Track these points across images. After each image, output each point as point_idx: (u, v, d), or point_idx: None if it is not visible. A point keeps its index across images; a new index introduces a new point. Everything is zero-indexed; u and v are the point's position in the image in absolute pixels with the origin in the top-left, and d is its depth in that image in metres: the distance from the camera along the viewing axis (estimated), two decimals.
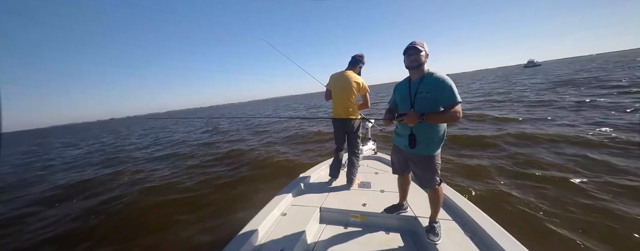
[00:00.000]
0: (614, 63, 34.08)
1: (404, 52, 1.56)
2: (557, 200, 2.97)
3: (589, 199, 2.92)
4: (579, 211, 2.72)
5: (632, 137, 4.76)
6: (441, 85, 1.45)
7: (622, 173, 3.42)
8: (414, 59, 1.51)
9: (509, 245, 1.43)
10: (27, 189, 6.28)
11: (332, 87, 2.57)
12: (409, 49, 1.52)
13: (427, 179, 1.64)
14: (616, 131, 5.26)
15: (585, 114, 7.23)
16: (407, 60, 1.54)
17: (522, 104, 10.49)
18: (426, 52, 1.54)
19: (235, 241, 1.70)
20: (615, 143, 4.53)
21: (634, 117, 6.23)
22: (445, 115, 1.44)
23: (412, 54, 1.51)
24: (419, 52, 1.50)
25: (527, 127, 6.54)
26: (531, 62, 77.03)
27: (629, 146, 4.34)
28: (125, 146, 13.17)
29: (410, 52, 1.52)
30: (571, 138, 5.11)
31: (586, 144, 4.72)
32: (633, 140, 4.55)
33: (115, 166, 8.00)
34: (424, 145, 1.57)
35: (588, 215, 2.64)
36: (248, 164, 6.37)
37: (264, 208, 2.13)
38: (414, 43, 1.52)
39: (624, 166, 3.60)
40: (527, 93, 13.64)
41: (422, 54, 1.51)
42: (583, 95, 10.65)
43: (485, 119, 8.27)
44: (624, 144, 4.44)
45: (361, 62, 2.60)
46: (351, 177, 2.57)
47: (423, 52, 1.51)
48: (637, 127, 5.32)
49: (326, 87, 2.68)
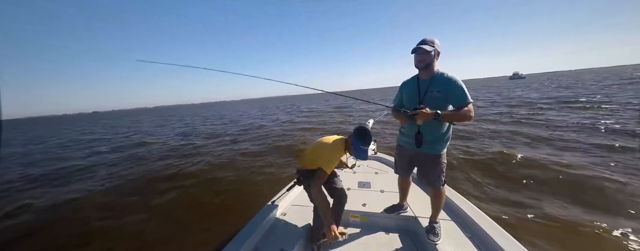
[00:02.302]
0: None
1: (412, 51, 1.53)
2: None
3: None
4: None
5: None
6: (453, 86, 1.45)
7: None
8: (423, 59, 1.50)
9: (509, 245, 1.45)
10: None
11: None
12: (418, 48, 1.49)
13: (432, 179, 1.64)
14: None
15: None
16: (416, 59, 1.52)
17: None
18: (437, 50, 1.51)
19: (235, 241, 1.68)
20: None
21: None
22: (459, 113, 1.43)
23: (421, 53, 1.50)
24: (428, 52, 1.48)
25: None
26: (516, 74, 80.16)
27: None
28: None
29: (420, 51, 1.49)
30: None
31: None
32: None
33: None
34: (430, 144, 1.57)
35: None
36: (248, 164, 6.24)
37: (264, 208, 2.11)
38: (424, 41, 1.50)
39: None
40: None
41: (431, 53, 1.48)
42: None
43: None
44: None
45: (366, 145, 1.70)
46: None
47: (433, 51, 1.48)
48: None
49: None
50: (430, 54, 1.49)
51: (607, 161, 4.25)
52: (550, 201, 3.13)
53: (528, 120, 8.66)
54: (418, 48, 1.49)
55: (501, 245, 1.46)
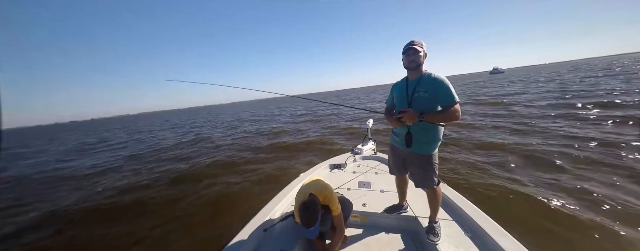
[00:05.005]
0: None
1: (402, 52, 1.57)
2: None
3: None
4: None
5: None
6: (439, 85, 1.47)
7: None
8: (413, 60, 1.52)
9: (509, 245, 1.48)
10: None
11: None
12: (408, 49, 1.52)
13: (424, 179, 1.66)
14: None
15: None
16: (406, 60, 1.55)
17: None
18: (425, 52, 1.55)
19: (235, 241, 1.67)
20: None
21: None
22: (445, 114, 1.45)
23: (411, 54, 1.52)
24: (417, 52, 1.51)
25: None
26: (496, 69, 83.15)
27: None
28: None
29: (410, 52, 1.52)
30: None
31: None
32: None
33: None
34: (420, 144, 1.58)
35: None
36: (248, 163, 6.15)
37: (264, 208, 2.09)
38: (412, 43, 1.52)
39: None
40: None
41: (420, 54, 1.52)
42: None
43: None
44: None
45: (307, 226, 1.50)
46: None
47: (422, 53, 1.52)
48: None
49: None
50: (419, 55, 1.52)
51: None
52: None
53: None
54: (409, 49, 1.52)
55: (501, 244, 1.48)
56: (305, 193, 1.63)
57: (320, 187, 1.66)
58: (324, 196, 1.63)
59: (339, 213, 1.67)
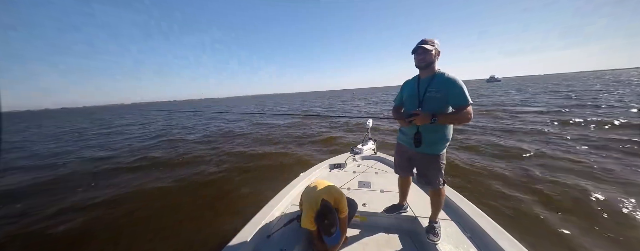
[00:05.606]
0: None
1: (412, 51, 1.53)
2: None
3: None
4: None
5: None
6: (452, 86, 1.43)
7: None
8: (423, 58, 1.50)
9: (509, 245, 1.48)
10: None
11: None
12: (418, 48, 1.49)
13: (431, 179, 1.64)
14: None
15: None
16: (416, 59, 1.52)
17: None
18: (437, 50, 1.51)
19: (235, 241, 1.65)
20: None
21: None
22: (457, 116, 1.42)
23: (421, 53, 1.49)
24: (427, 51, 1.47)
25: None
26: (493, 77, 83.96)
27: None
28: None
29: (419, 51, 1.49)
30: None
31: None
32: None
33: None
34: (429, 145, 1.56)
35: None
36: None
37: (264, 208, 2.07)
38: (423, 41, 1.49)
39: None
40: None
41: (431, 52, 1.48)
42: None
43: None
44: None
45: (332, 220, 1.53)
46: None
47: (433, 51, 1.48)
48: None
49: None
50: (430, 53, 1.48)
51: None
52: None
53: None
54: (418, 47, 1.49)
55: (501, 244, 1.49)
56: (316, 199, 1.61)
57: (331, 191, 1.67)
58: (334, 199, 1.63)
59: (346, 215, 1.67)
